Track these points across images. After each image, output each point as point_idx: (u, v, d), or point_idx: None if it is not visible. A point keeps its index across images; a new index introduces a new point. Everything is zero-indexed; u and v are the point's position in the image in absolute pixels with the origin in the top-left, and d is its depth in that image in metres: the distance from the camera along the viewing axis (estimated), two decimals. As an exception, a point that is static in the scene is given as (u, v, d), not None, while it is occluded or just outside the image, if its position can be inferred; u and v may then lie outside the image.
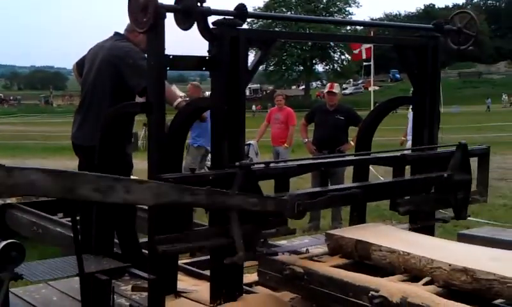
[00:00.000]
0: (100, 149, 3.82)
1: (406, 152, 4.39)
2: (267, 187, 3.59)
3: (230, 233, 3.20)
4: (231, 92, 3.40)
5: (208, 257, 3.89)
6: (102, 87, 4.55)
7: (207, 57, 3.37)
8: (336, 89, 8.65)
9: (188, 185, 3.11)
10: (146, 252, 3.83)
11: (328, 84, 8.99)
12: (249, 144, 12.06)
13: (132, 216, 4.70)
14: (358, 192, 3.84)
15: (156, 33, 3.13)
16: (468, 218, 5.08)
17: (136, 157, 5.63)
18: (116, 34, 4.75)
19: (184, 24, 3.21)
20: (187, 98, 4.67)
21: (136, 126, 10.68)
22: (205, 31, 3.26)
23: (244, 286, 3.86)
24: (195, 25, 3.23)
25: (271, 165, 3.64)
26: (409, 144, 10.90)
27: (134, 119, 4.64)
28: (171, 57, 3.21)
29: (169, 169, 3.37)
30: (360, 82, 75.47)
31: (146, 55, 3.46)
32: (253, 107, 53.67)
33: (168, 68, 3.23)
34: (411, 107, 10.98)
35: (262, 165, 3.57)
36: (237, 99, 3.43)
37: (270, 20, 53.95)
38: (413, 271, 3.33)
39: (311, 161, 4.23)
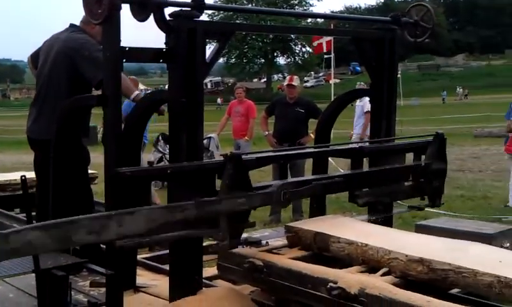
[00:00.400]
0: (55, 143, 3.76)
1: (363, 144, 4.42)
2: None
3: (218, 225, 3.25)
4: (189, 84, 3.36)
5: (168, 251, 3.86)
6: (58, 80, 4.47)
7: (164, 50, 3.33)
8: (296, 81, 8.67)
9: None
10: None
11: (288, 77, 9.03)
12: (210, 138, 12.04)
13: (90, 211, 4.63)
14: (338, 181, 3.91)
15: (111, 25, 3.08)
16: (426, 209, 5.16)
17: (95, 151, 5.56)
18: (72, 25, 4.67)
19: (139, 16, 3.16)
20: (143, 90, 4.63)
21: (96, 120, 10.54)
22: (161, 23, 3.22)
23: (204, 280, 3.84)
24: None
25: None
26: (354, 137, 11.04)
27: (91, 113, 4.57)
28: (127, 49, 3.17)
29: (128, 162, 3.34)
30: (320, 74, 75.90)
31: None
32: (218, 100, 53.52)
33: (124, 60, 3.18)
34: (358, 101, 11.13)
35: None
36: (195, 91, 3.40)
37: (231, 12, 53.75)
38: (371, 262, 3.36)
39: (269, 154, 4.22)
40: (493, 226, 5.15)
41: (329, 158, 7.60)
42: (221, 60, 72.91)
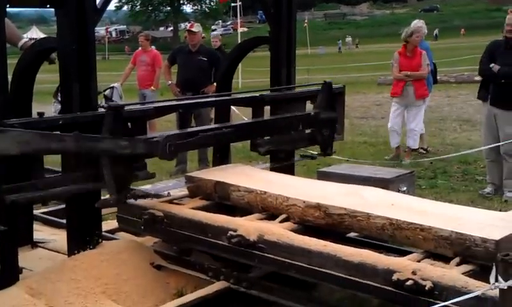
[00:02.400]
0: None
1: (264, 93, 4.40)
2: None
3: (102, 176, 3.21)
4: (79, 31, 3.22)
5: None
6: None
7: (52, -6, 3.17)
8: (197, 28, 8.51)
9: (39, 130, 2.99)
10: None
11: (189, 24, 8.87)
12: (113, 87, 11.70)
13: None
14: (227, 132, 3.86)
15: (-9, -33, 2.89)
16: (329, 156, 5.23)
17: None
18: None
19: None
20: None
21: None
22: (47, -34, 3.05)
23: (105, 233, 3.77)
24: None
25: (127, 108, 3.51)
26: None
27: None
28: (10, -7, 2.99)
29: (18, 113, 3.19)
30: (228, 23, 75.31)
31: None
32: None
33: (8, 6, 3.00)
34: None
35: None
36: (86, 38, 3.26)
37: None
38: (270, 209, 3.40)
39: (168, 103, 4.14)
40: (391, 171, 5.27)
41: (234, 108, 7.61)
42: (125, 8, 71.04)
